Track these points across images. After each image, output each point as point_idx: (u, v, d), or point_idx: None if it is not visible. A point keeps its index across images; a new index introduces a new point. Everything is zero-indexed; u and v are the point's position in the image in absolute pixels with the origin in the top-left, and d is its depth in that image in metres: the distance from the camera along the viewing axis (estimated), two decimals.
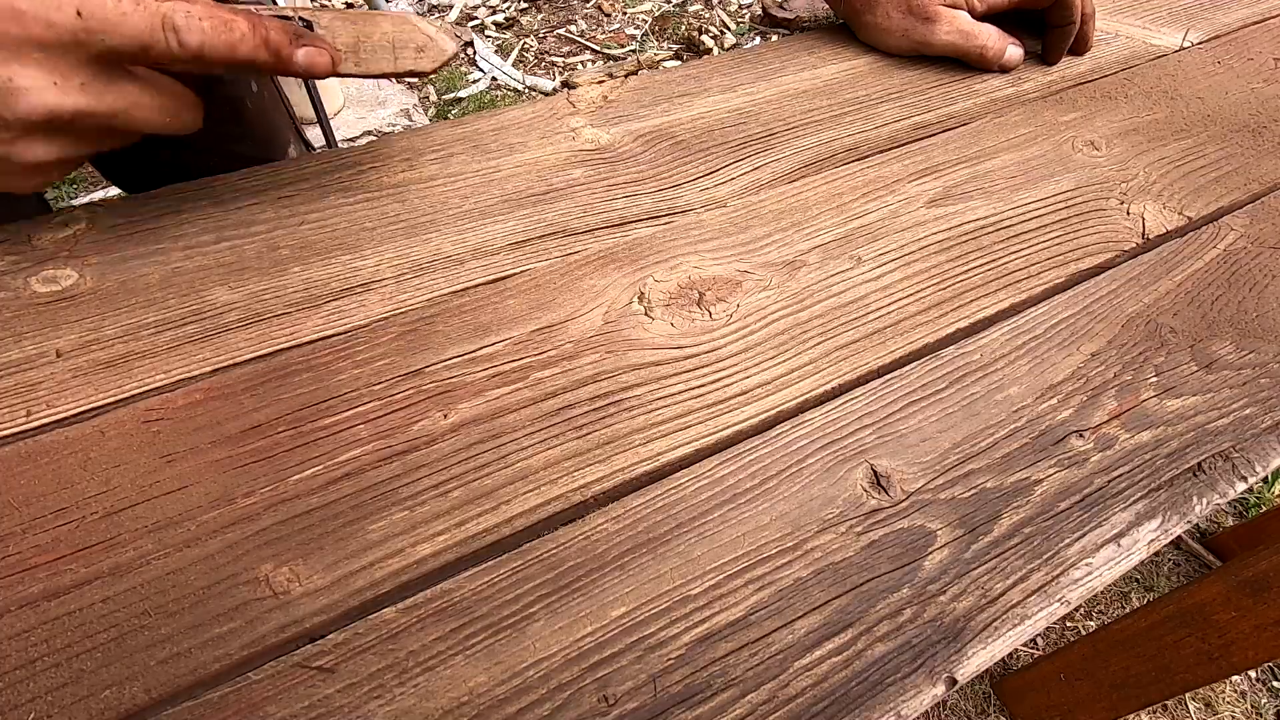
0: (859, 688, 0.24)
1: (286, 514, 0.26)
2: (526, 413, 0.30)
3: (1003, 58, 0.51)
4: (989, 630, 0.25)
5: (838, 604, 0.25)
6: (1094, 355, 0.34)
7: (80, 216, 0.36)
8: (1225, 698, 1.02)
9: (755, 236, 0.38)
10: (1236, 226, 0.41)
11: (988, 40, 0.50)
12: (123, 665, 0.23)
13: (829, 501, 0.28)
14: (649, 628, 0.25)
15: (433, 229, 0.37)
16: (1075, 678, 0.85)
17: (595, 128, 0.44)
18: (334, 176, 0.40)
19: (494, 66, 2.07)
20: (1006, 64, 0.51)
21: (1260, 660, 0.65)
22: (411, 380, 0.31)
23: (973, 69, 0.51)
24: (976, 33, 0.50)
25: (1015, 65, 0.52)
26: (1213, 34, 0.56)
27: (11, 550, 0.25)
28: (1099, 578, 0.27)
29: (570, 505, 0.27)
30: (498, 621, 0.24)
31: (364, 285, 0.34)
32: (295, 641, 0.24)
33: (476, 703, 0.23)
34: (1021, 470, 0.29)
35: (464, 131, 0.43)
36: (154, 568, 0.25)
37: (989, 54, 0.51)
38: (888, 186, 0.42)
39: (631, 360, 0.32)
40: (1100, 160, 0.44)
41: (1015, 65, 0.52)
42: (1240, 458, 0.30)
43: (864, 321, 0.34)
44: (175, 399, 0.29)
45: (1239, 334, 0.35)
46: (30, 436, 0.28)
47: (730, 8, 2.41)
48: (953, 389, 0.32)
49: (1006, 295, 0.36)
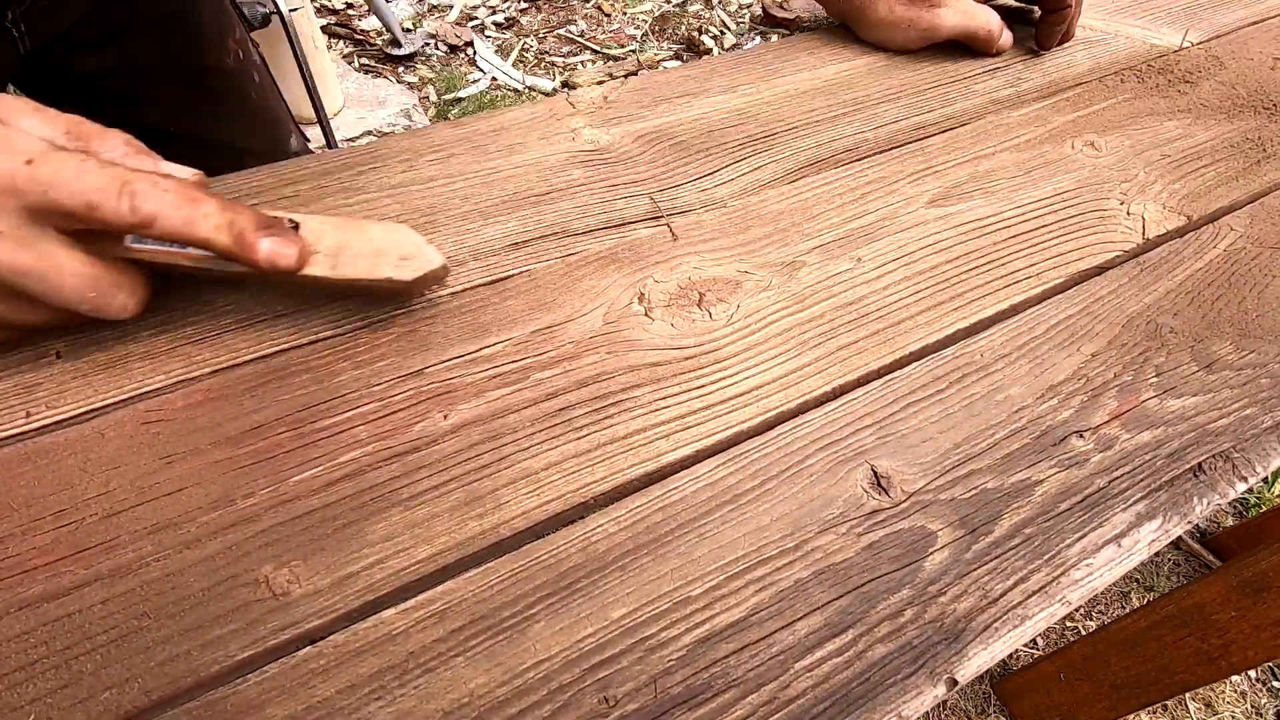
0: (860, 688, 0.24)
1: (286, 515, 0.26)
2: (527, 413, 0.30)
3: (1002, 38, 0.52)
4: (989, 631, 0.25)
5: (838, 605, 0.25)
6: (1094, 355, 0.34)
7: None
8: (1225, 698, 1.02)
9: (755, 237, 0.38)
10: (1237, 226, 0.41)
11: (991, 18, 0.51)
12: (122, 667, 0.23)
13: (829, 502, 0.28)
14: (650, 629, 0.25)
15: (432, 230, 0.37)
16: (1075, 678, 0.85)
17: (595, 128, 0.44)
18: (334, 177, 0.40)
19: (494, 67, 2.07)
20: (1003, 46, 0.52)
21: (1260, 660, 0.65)
22: (412, 381, 0.31)
23: (969, 70, 0.51)
24: (979, 11, 0.51)
25: (1007, 49, 0.53)
26: (1212, 34, 0.56)
27: (11, 552, 0.25)
28: (1099, 578, 0.27)
29: (570, 506, 0.27)
30: (498, 623, 0.24)
31: None
32: (295, 643, 0.24)
33: (477, 704, 0.23)
34: (1022, 471, 0.29)
35: (464, 132, 0.43)
36: (154, 569, 0.25)
37: (995, 32, 0.51)
38: (888, 186, 0.41)
39: (632, 361, 0.32)
40: (1100, 160, 0.44)
41: (1007, 49, 0.53)
42: (1240, 458, 0.30)
43: (864, 322, 0.34)
44: (175, 400, 0.29)
45: (1239, 334, 0.35)
46: (30, 438, 0.28)
47: (730, 8, 2.41)
48: (953, 389, 0.32)
49: (1007, 295, 0.36)
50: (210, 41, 0.60)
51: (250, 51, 0.64)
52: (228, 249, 0.28)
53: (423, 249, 0.30)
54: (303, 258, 0.29)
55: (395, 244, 0.30)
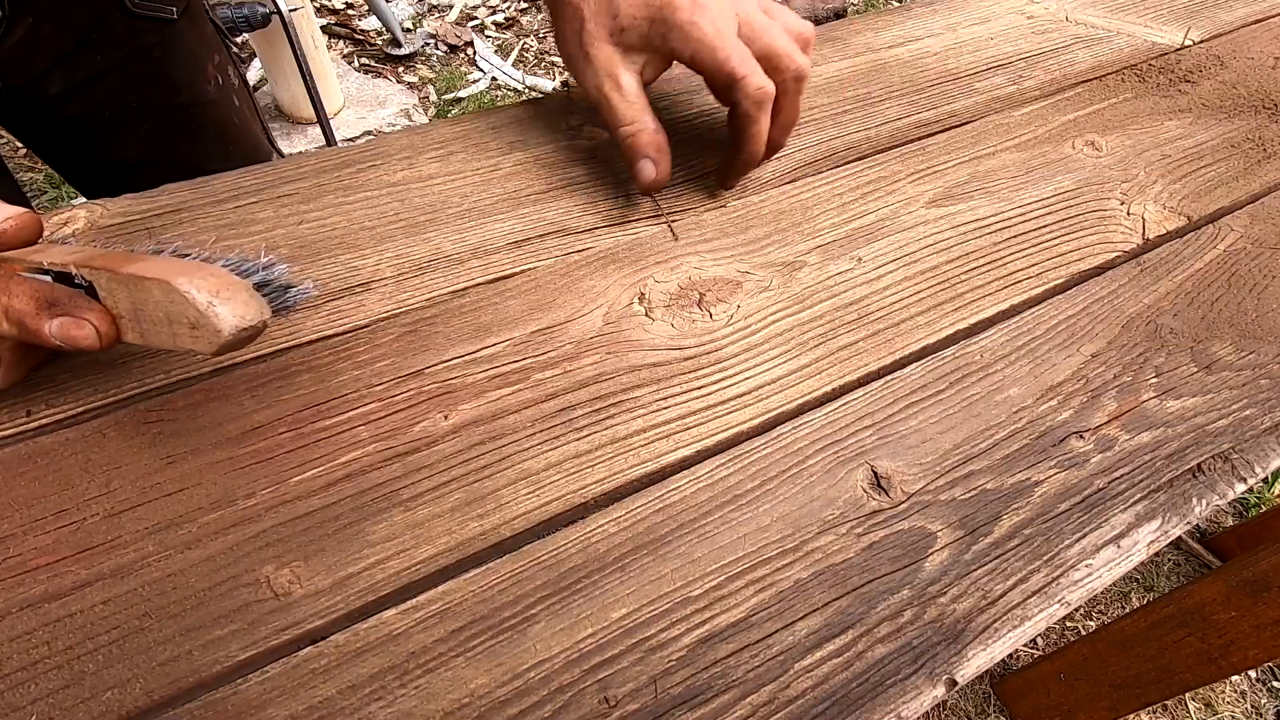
0: (859, 689, 0.24)
1: (287, 515, 0.26)
2: (527, 414, 0.30)
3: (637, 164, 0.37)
4: (989, 631, 0.25)
5: (838, 605, 0.25)
6: (1094, 356, 0.34)
7: (80, 215, 0.36)
8: (1225, 698, 1.02)
9: (755, 237, 0.38)
10: (1236, 227, 0.41)
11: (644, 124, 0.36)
12: (124, 667, 0.23)
13: (829, 503, 0.28)
14: (650, 629, 0.25)
15: (432, 228, 0.37)
16: (1075, 678, 0.85)
17: (595, 125, 0.44)
18: (333, 175, 0.40)
19: (494, 66, 2.07)
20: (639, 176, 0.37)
21: (1260, 660, 0.65)
22: (412, 381, 0.31)
23: (970, 68, 0.51)
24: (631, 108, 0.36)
25: (646, 183, 0.37)
26: (1213, 33, 0.56)
27: (13, 552, 0.25)
28: (1099, 579, 0.27)
29: (571, 507, 0.27)
30: (499, 623, 0.24)
31: (363, 285, 0.34)
32: (296, 643, 0.24)
33: (477, 704, 0.23)
34: (1022, 471, 0.29)
35: (463, 129, 0.43)
36: (155, 569, 0.25)
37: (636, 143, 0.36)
38: (888, 186, 0.41)
39: (632, 361, 0.32)
40: (1101, 160, 0.44)
41: (646, 183, 0.37)
42: (1240, 459, 0.30)
43: (864, 322, 0.34)
44: (176, 400, 0.29)
45: (1239, 335, 0.35)
46: (31, 437, 0.28)
47: None
48: (953, 390, 0.32)
49: (1006, 295, 0.36)
50: (189, 74, 0.59)
51: (229, 74, 0.64)
52: (13, 335, 0.26)
53: (205, 317, 0.24)
54: (106, 330, 0.26)
55: (179, 311, 0.25)
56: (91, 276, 0.26)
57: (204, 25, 0.61)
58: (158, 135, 0.59)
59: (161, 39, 0.56)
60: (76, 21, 0.51)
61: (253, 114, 0.67)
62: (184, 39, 0.58)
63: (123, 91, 0.56)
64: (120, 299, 0.26)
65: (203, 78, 0.60)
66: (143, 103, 0.57)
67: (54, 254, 0.27)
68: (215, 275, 0.25)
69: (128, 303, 0.26)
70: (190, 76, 0.59)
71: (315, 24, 1.67)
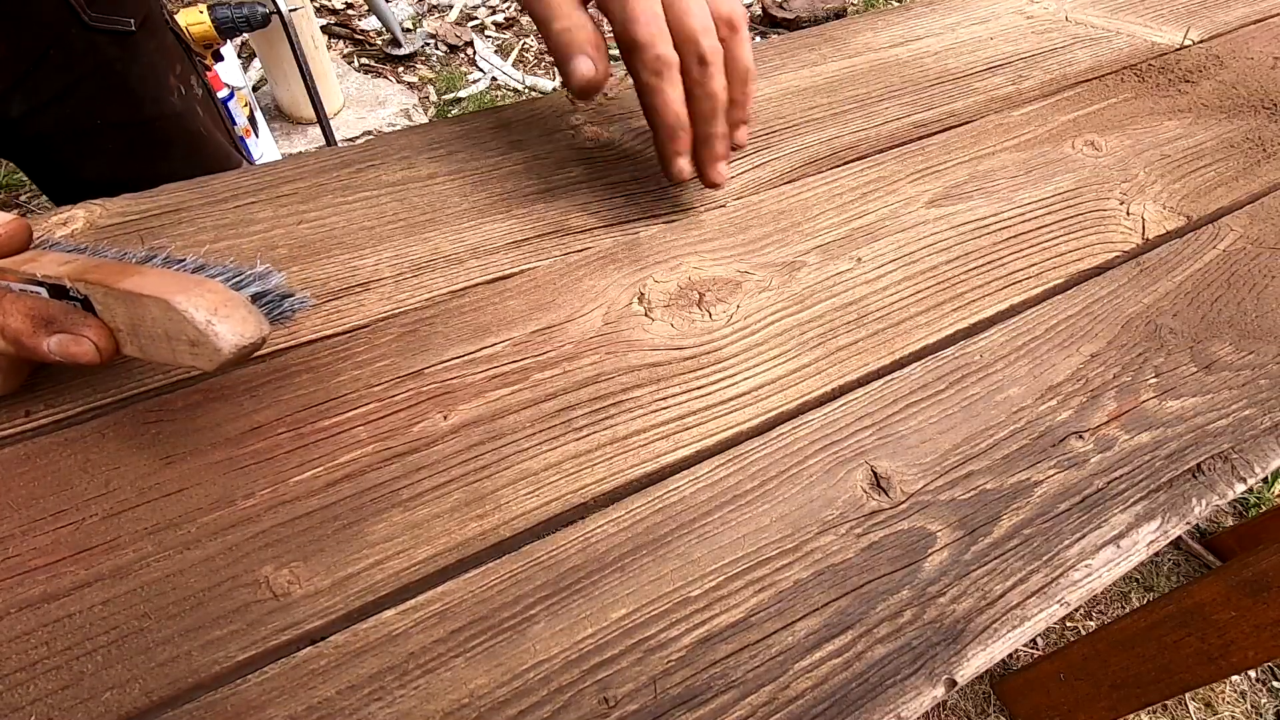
0: (859, 689, 0.24)
1: (286, 516, 0.26)
2: (526, 414, 0.30)
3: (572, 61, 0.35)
4: (988, 632, 0.25)
5: (838, 606, 0.25)
6: (1094, 356, 0.34)
7: (79, 215, 0.36)
8: (1225, 698, 1.02)
9: (755, 237, 0.38)
10: (1236, 227, 0.41)
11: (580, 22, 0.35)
12: (123, 668, 0.23)
13: (829, 503, 0.28)
14: (649, 629, 0.25)
15: (431, 228, 0.37)
16: (1075, 678, 0.85)
17: (596, 125, 0.44)
18: (332, 175, 0.40)
19: (494, 67, 2.07)
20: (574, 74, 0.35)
21: (1260, 660, 0.65)
22: (411, 381, 0.31)
23: (970, 67, 0.51)
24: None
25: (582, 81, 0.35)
26: (1213, 32, 0.56)
27: (11, 552, 0.25)
28: (1098, 579, 0.27)
29: (570, 507, 0.27)
30: (498, 623, 0.24)
31: (363, 285, 0.34)
32: (296, 644, 0.24)
33: (477, 704, 0.23)
34: (1021, 472, 0.29)
35: (463, 129, 0.43)
36: (154, 570, 0.25)
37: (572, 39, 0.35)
38: (888, 186, 0.41)
39: (631, 361, 0.32)
40: (1100, 160, 0.44)
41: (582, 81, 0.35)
42: (1239, 459, 0.30)
43: (864, 322, 0.34)
44: (175, 400, 0.29)
45: (1238, 335, 0.35)
46: (30, 438, 0.28)
47: None
48: (952, 390, 0.32)
49: (1006, 296, 0.36)
50: (152, 87, 0.58)
51: (193, 84, 0.63)
52: (14, 355, 0.26)
53: (205, 336, 0.24)
54: (105, 346, 0.26)
55: (178, 329, 0.24)
56: (87, 290, 0.26)
57: (164, 36, 0.60)
58: (125, 154, 0.59)
59: (122, 52, 0.56)
60: (31, 40, 0.51)
61: (218, 123, 0.67)
62: (144, 51, 0.57)
63: (86, 108, 0.56)
64: (118, 313, 0.26)
65: (165, 90, 0.60)
66: (108, 119, 0.57)
67: (46, 264, 0.27)
68: (213, 291, 0.25)
69: (125, 318, 0.25)
70: (153, 89, 0.59)
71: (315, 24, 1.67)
